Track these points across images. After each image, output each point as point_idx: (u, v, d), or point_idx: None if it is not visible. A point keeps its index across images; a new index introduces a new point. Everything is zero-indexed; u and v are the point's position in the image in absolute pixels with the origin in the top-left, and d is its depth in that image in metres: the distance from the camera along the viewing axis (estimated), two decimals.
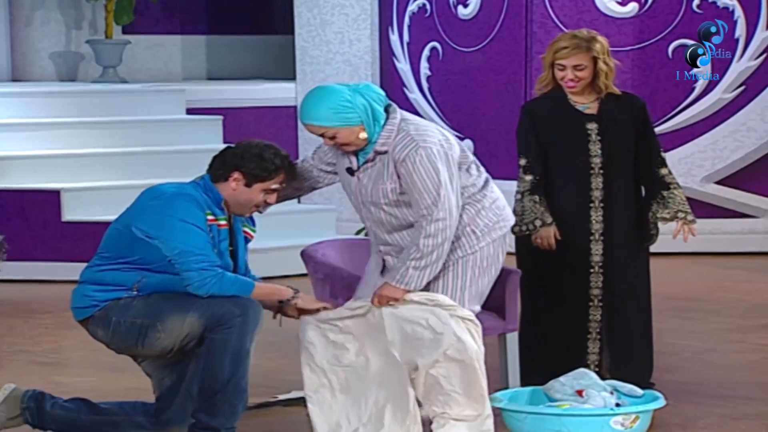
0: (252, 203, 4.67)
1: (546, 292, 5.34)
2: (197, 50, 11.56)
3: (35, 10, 10.83)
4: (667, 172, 5.34)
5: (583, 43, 5.24)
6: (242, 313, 4.53)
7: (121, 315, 4.60)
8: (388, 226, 4.72)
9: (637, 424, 4.74)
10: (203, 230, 4.57)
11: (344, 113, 4.60)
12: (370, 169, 4.67)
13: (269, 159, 4.63)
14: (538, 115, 5.34)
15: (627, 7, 9.17)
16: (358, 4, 9.96)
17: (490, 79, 9.44)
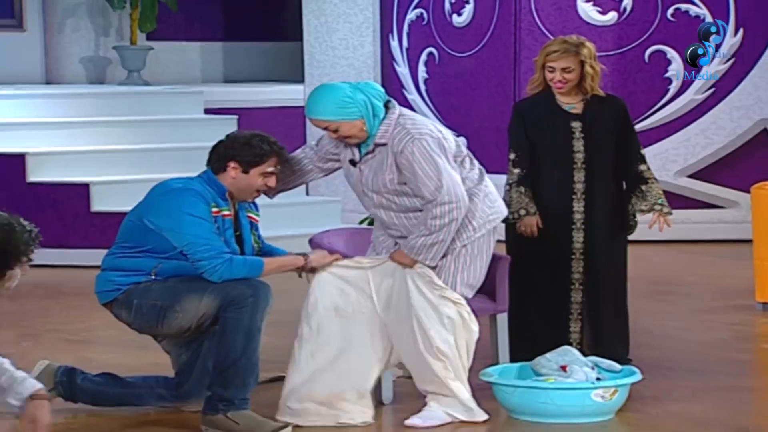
0: (253, 188, 4.66)
1: (532, 276, 5.34)
2: (214, 55, 11.55)
3: (66, 18, 10.81)
4: (645, 168, 5.35)
5: (572, 47, 5.25)
6: (254, 294, 4.53)
7: (142, 298, 4.60)
8: (391, 211, 4.71)
9: (616, 396, 4.73)
10: (209, 222, 4.56)
11: (345, 108, 4.58)
12: (371, 160, 4.66)
13: (257, 145, 4.64)
14: (527, 114, 5.34)
15: (607, 16, 9.15)
16: (361, 13, 9.95)
17: (482, 81, 9.43)
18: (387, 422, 4.82)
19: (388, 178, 4.62)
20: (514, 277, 5.31)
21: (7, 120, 8.92)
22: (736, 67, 9.07)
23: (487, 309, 5.16)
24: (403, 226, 4.71)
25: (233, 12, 11.58)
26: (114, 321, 5.68)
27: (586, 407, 4.67)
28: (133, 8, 10.82)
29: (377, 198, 4.69)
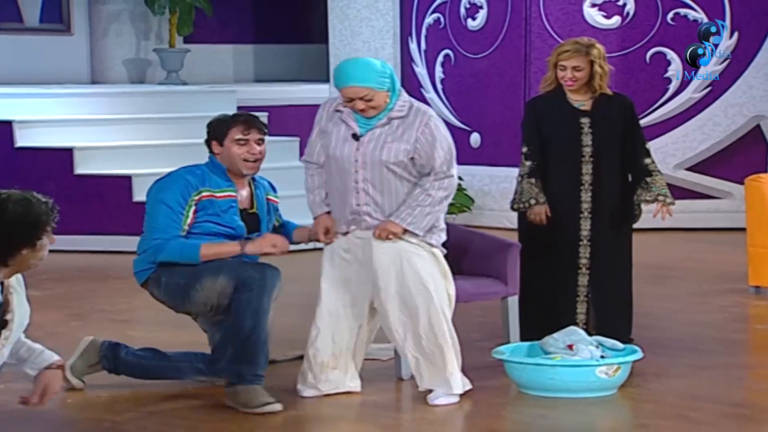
0: (236, 157, 4.65)
1: (542, 261, 5.34)
2: (246, 57, 11.57)
3: (110, 23, 10.84)
4: (650, 161, 5.36)
5: (582, 48, 5.26)
6: (261, 277, 4.54)
7: (168, 276, 4.62)
8: (382, 185, 4.52)
9: (619, 373, 4.73)
10: (170, 208, 4.59)
11: (383, 78, 4.51)
12: (380, 130, 4.52)
13: (222, 119, 4.72)
14: (539, 110, 5.35)
15: (611, 20, 9.12)
16: (382, 18, 9.94)
17: (494, 81, 9.41)
18: (406, 396, 4.82)
19: (403, 147, 4.51)
20: (524, 262, 5.32)
21: (56, 117, 8.96)
22: (732, 67, 9.03)
23: (498, 292, 5.17)
24: (386, 204, 4.54)
25: (263, 16, 11.59)
26: (154, 302, 5.69)
27: (591, 383, 4.67)
28: (171, 13, 10.84)
29: (371, 173, 4.51)
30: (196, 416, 4.51)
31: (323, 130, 4.65)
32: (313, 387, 4.66)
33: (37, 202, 3.08)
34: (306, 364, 4.68)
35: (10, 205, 3.04)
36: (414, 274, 4.54)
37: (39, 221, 3.06)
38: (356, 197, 4.55)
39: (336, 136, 4.58)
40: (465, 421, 4.52)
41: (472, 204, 9.24)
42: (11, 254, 3.05)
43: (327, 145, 4.60)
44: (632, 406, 4.67)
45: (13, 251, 3.05)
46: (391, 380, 4.91)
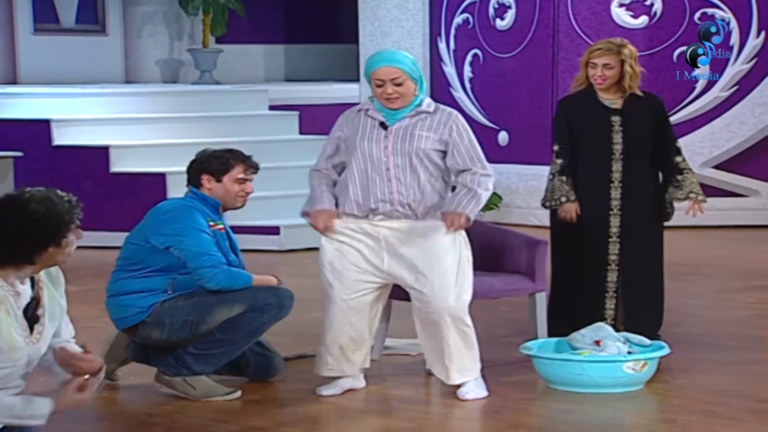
0: (232, 195, 4.66)
1: (571, 257, 5.34)
2: (277, 57, 11.60)
3: (145, 24, 10.90)
4: (681, 160, 5.36)
5: (614, 47, 5.26)
6: (279, 306, 4.55)
7: (172, 316, 4.54)
8: (412, 174, 4.52)
9: (646, 368, 4.72)
10: (209, 234, 4.57)
11: (416, 67, 4.55)
12: (408, 121, 4.53)
13: (221, 155, 4.67)
14: (570, 108, 5.35)
15: (639, 20, 9.09)
16: (412, 18, 9.94)
17: (522, 80, 9.39)
18: (435, 391, 4.83)
19: (433, 138, 4.53)
20: (554, 259, 5.32)
21: (92, 116, 9.02)
22: (758, 66, 8.98)
23: (526, 288, 5.16)
24: (416, 194, 4.53)
25: (295, 17, 11.62)
26: None
27: (618, 378, 4.66)
28: (205, 14, 10.89)
29: (402, 160, 4.51)
30: (229, 408, 4.53)
31: (343, 132, 4.62)
32: (333, 369, 4.65)
33: (59, 200, 3.09)
34: (323, 348, 4.67)
35: (33, 205, 3.05)
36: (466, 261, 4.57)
37: (62, 219, 3.07)
38: (388, 185, 4.53)
39: (362, 129, 4.57)
40: (493, 415, 4.52)
41: (499, 202, 9.24)
42: (37, 252, 3.07)
43: (353, 139, 4.58)
44: (659, 401, 4.66)
45: (39, 250, 3.07)
46: (419, 375, 4.92)
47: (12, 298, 3.08)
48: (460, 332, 4.55)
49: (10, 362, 3.06)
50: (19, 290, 3.10)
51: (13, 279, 3.09)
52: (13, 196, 3.08)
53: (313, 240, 8.37)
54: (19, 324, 3.09)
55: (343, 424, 4.40)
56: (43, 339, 3.15)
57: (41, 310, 3.14)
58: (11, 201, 3.06)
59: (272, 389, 4.77)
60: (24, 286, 3.12)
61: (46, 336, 3.16)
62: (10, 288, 3.09)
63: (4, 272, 3.07)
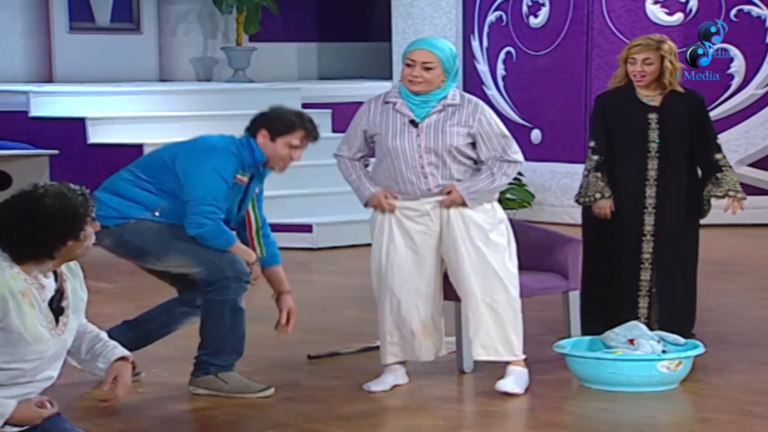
0: (278, 156, 4.56)
1: (604, 255, 5.32)
2: (310, 55, 11.62)
3: (179, 23, 10.95)
4: (721, 157, 5.32)
5: (653, 42, 5.24)
6: (236, 278, 4.50)
7: (135, 236, 4.49)
8: (446, 168, 4.57)
9: (681, 368, 4.70)
10: (227, 183, 4.48)
11: (452, 59, 4.57)
12: (437, 116, 4.56)
13: (289, 118, 4.56)
14: (608, 105, 5.33)
15: (674, 17, 9.03)
16: (445, 16, 9.93)
17: (556, 78, 9.36)
18: (468, 389, 4.83)
19: (463, 131, 4.56)
20: (587, 257, 5.30)
21: (127, 114, 9.07)
22: None
23: (560, 287, 5.15)
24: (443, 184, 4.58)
25: (327, 15, 11.63)
26: None
27: (653, 377, 4.64)
28: (239, 12, 10.92)
29: (436, 157, 4.55)
30: (263, 406, 4.54)
31: (370, 127, 4.64)
32: (409, 354, 4.66)
33: (73, 194, 3.11)
34: (390, 338, 4.66)
35: (48, 200, 3.07)
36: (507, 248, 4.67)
37: (77, 212, 3.09)
38: (425, 182, 4.58)
39: (392, 127, 4.59)
40: (527, 413, 4.52)
41: (532, 199, 9.21)
42: (56, 247, 3.09)
43: (383, 137, 4.60)
44: (694, 400, 4.63)
45: (57, 244, 3.09)
46: (453, 373, 4.92)
47: (36, 291, 3.11)
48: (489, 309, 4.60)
49: (36, 354, 3.09)
50: (44, 283, 3.13)
51: (36, 273, 3.12)
52: (27, 192, 3.11)
53: (345, 237, 8.42)
54: (44, 316, 3.11)
55: (376, 422, 4.41)
56: (68, 331, 3.17)
57: (65, 302, 3.17)
58: (26, 197, 3.09)
59: (306, 387, 4.78)
60: (48, 279, 3.15)
61: (71, 327, 3.19)
62: (34, 281, 3.11)
63: (26, 267, 3.10)
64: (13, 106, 8.81)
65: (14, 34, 9.94)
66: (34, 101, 8.86)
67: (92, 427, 3.43)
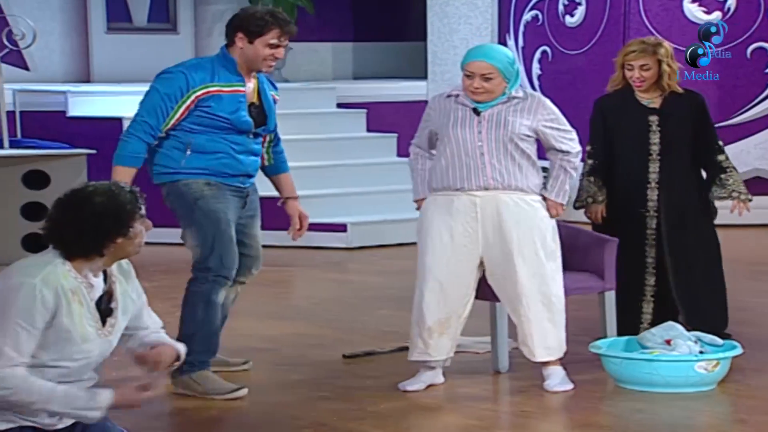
0: (260, 57, 4.54)
1: None
2: (345, 55, 11.63)
3: (215, 23, 10.99)
4: (724, 158, 5.28)
5: (649, 47, 5.20)
6: (215, 273, 4.55)
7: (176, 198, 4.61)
8: (507, 158, 4.60)
9: (718, 368, 4.67)
10: (164, 99, 4.51)
11: (511, 67, 4.61)
12: (500, 107, 4.60)
13: (261, 17, 4.54)
14: (607, 109, 5.31)
15: (712, 15, 8.97)
16: (481, 15, 9.92)
17: (591, 77, 9.32)
18: (503, 389, 4.82)
19: (526, 123, 4.60)
20: None
21: None
22: None
23: (595, 287, 5.13)
24: (511, 177, 4.61)
25: (362, 15, 11.64)
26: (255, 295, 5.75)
27: (690, 378, 4.62)
28: None
29: (496, 145, 4.58)
30: (299, 404, 4.55)
31: (434, 123, 4.70)
32: (424, 353, 4.67)
33: (122, 192, 3.13)
34: (415, 330, 4.68)
35: (96, 198, 3.10)
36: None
37: (125, 210, 3.11)
38: (483, 170, 4.60)
39: (454, 115, 4.65)
40: (562, 413, 4.50)
41: (567, 200, 9.18)
42: (105, 245, 3.12)
43: (444, 126, 4.64)
44: (731, 401, 4.60)
45: (107, 242, 3.11)
46: (487, 373, 4.91)
47: (85, 290, 3.13)
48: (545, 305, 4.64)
49: (83, 353, 3.12)
50: (93, 282, 3.15)
51: (86, 271, 3.14)
52: (77, 190, 3.14)
53: (380, 237, 8.42)
54: (92, 315, 3.14)
55: (410, 421, 4.41)
56: (114, 332, 3.19)
57: (114, 303, 3.19)
58: (75, 195, 3.12)
59: (341, 386, 4.79)
60: (97, 278, 3.17)
61: (118, 329, 3.21)
62: (84, 280, 3.14)
63: (76, 264, 3.12)
64: (51, 106, 8.87)
65: (53, 34, 10.02)
66: (72, 101, 8.92)
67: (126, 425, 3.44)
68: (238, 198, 4.69)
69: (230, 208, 4.64)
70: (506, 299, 4.67)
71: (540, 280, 4.62)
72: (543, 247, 4.64)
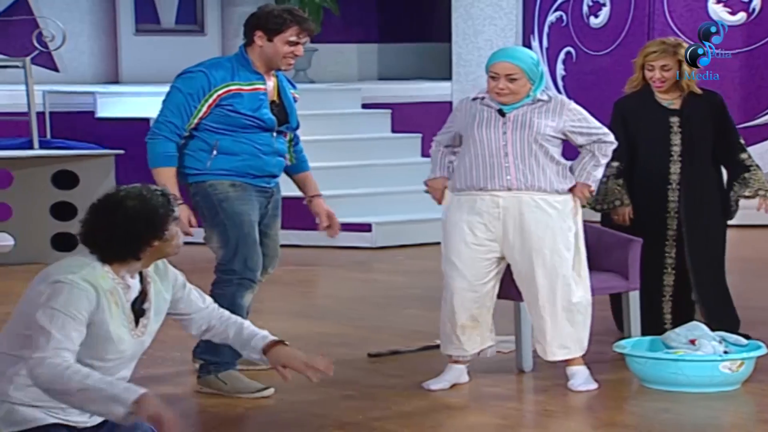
0: (280, 55, 4.54)
1: None
2: (370, 56, 11.63)
3: (241, 24, 11.03)
4: (746, 156, 5.25)
5: (669, 48, 5.17)
6: (240, 277, 4.55)
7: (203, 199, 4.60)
8: (531, 159, 4.59)
9: (743, 368, 4.64)
10: (186, 98, 4.50)
11: (536, 68, 4.60)
12: (525, 108, 4.60)
13: (279, 14, 4.55)
14: (627, 111, 5.28)
15: (736, 16, 8.92)
16: (505, 17, 9.90)
17: (616, 78, 9.25)
18: (527, 388, 4.81)
19: (551, 124, 4.59)
20: None
21: None
22: None
23: (620, 287, 5.11)
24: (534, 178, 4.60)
25: (387, 16, 11.64)
26: (281, 294, 5.76)
27: (714, 377, 4.60)
28: None
29: (521, 146, 4.58)
30: (324, 403, 4.55)
31: (456, 126, 4.70)
32: (459, 348, 4.68)
33: (153, 195, 3.14)
34: (448, 327, 4.68)
35: (129, 202, 3.10)
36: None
37: (157, 213, 3.11)
38: (506, 170, 4.60)
39: (479, 116, 4.64)
40: (587, 413, 4.49)
41: (590, 199, 9.14)
42: (141, 249, 3.12)
43: (469, 126, 4.64)
44: (756, 401, 4.58)
45: (142, 245, 3.12)
46: (512, 372, 4.90)
47: (122, 291, 3.14)
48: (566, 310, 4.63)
49: (116, 353, 3.13)
50: (129, 283, 3.17)
51: (123, 273, 3.16)
52: (110, 195, 3.14)
53: (404, 237, 8.42)
54: (126, 316, 3.15)
55: (435, 420, 4.40)
56: (147, 333, 3.20)
57: (147, 304, 3.20)
58: (108, 200, 3.13)
59: (367, 384, 4.79)
60: (134, 280, 3.18)
61: (151, 330, 3.22)
62: (121, 281, 3.15)
63: (114, 267, 3.14)
64: (79, 106, 8.91)
65: (82, 36, 10.06)
66: (101, 102, 8.96)
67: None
68: (262, 198, 4.70)
69: (254, 210, 4.65)
70: (526, 298, 4.67)
71: (560, 281, 4.60)
72: (565, 248, 4.62)
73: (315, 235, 8.44)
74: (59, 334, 3.00)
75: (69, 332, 3.02)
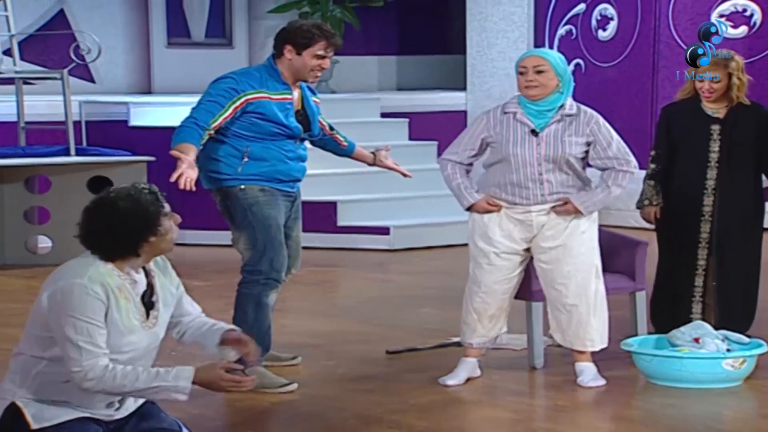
0: (307, 68, 4.57)
1: (664, 259, 5.27)
2: (389, 67, 11.63)
3: (268, 37, 11.02)
4: None
5: (721, 60, 5.14)
6: (266, 276, 4.55)
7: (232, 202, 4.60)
8: (563, 176, 4.59)
9: (745, 365, 4.62)
10: (212, 97, 4.49)
11: (563, 64, 4.59)
12: (555, 126, 4.57)
13: (308, 29, 4.57)
14: (672, 116, 5.26)
15: (738, 30, 8.88)
16: (517, 30, 9.88)
17: (623, 89, 9.26)
18: (539, 384, 4.79)
19: (581, 141, 4.58)
20: (659, 259, 5.28)
21: None
22: None
23: (627, 287, 5.10)
24: (563, 192, 4.61)
25: (405, 30, 11.64)
26: (306, 293, 5.74)
27: (718, 374, 4.57)
28: None
29: (554, 165, 4.58)
30: (343, 397, 4.55)
31: (490, 134, 4.64)
32: (482, 336, 4.68)
33: (142, 194, 3.14)
34: (474, 317, 4.68)
35: (120, 203, 3.11)
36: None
37: (149, 210, 3.12)
38: (540, 188, 4.59)
39: (513, 135, 4.60)
40: (595, 408, 4.47)
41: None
42: (138, 245, 3.13)
43: (502, 144, 4.60)
44: (757, 396, 4.55)
45: (140, 242, 3.13)
46: (524, 369, 4.89)
47: (129, 286, 3.15)
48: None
49: (131, 346, 3.13)
50: (136, 278, 3.18)
51: (127, 269, 3.17)
52: (101, 197, 3.16)
53: (421, 239, 8.41)
54: (137, 309, 3.15)
55: (451, 413, 4.39)
56: (159, 324, 3.21)
57: (155, 296, 3.21)
58: (100, 203, 3.15)
59: (385, 379, 4.78)
60: (139, 275, 3.19)
61: (162, 321, 3.22)
62: (127, 277, 3.16)
63: (117, 264, 3.15)
64: (114, 116, 8.95)
65: (116, 49, 10.10)
66: (134, 111, 8.99)
67: (178, 413, 3.44)
68: (287, 202, 4.71)
69: (280, 213, 4.67)
70: (554, 292, 4.65)
71: (587, 277, 4.61)
72: (592, 248, 4.64)
73: (336, 238, 8.46)
74: (88, 345, 3.02)
75: (95, 339, 3.04)
